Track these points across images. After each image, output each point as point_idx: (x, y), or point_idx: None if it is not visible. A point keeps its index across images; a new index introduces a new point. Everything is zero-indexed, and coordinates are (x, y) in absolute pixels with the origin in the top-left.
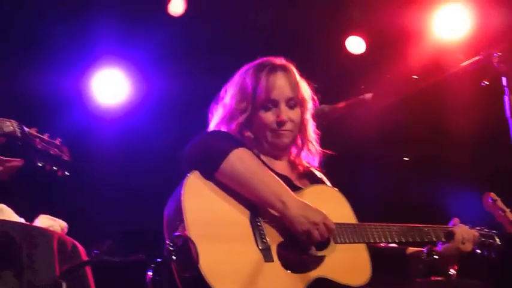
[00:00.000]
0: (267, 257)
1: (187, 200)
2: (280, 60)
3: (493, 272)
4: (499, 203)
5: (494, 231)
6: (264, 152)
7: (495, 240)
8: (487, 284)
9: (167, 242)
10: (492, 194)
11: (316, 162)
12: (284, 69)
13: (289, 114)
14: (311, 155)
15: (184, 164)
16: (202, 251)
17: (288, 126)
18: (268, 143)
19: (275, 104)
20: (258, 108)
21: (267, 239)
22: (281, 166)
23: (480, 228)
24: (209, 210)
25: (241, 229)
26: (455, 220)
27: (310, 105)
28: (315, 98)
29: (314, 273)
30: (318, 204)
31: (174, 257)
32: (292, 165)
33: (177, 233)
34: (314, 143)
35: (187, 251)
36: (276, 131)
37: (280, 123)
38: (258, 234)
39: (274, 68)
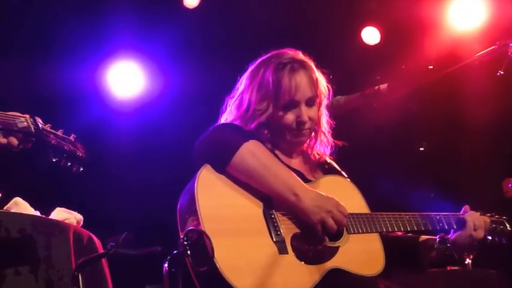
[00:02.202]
0: (282, 250)
1: (201, 195)
2: (298, 55)
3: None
4: None
5: (504, 217)
6: (279, 148)
7: (506, 226)
8: (504, 273)
9: (181, 236)
10: None
11: (327, 152)
12: (304, 66)
13: (309, 113)
14: (323, 145)
15: (196, 158)
16: (218, 245)
17: (308, 125)
18: (287, 141)
19: (296, 104)
20: (278, 108)
21: (281, 231)
22: (294, 160)
23: (490, 214)
24: (223, 205)
25: (255, 222)
26: (466, 207)
27: (325, 97)
28: (330, 88)
29: (328, 264)
30: (330, 194)
31: (188, 252)
32: (305, 156)
33: (191, 228)
34: (327, 133)
35: (202, 245)
36: (296, 131)
37: (301, 124)
38: (272, 226)
39: (295, 67)
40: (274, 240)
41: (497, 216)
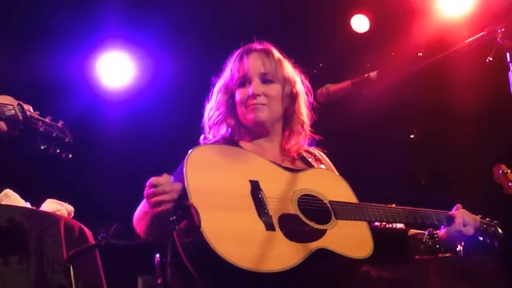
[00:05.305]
0: (269, 226)
1: (190, 171)
2: (259, 45)
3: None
4: (510, 174)
5: (496, 221)
6: (250, 135)
7: (497, 230)
8: (495, 260)
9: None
10: (503, 166)
11: (306, 144)
12: (258, 50)
13: (263, 89)
14: (301, 137)
15: None
16: (204, 217)
17: (261, 100)
18: (246, 120)
19: (249, 80)
20: (236, 89)
21: (269, 211)
22: (271, 153)
23: (481, 216)
24: (211, 182)
25: (243, 200)
26: (458, 206)
27: (298, 85)
28: (309, 85)
29: (315, 244)
30: (318, 184)
31: (176, 225)
32: (283, 151)
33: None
34: (305, 126)
35: (189, 217)
36: (249, 105)
37: (252, 97)
38: (260, 205)
39: (247, 51)
40: (262, 218)
41: (488, 219)
